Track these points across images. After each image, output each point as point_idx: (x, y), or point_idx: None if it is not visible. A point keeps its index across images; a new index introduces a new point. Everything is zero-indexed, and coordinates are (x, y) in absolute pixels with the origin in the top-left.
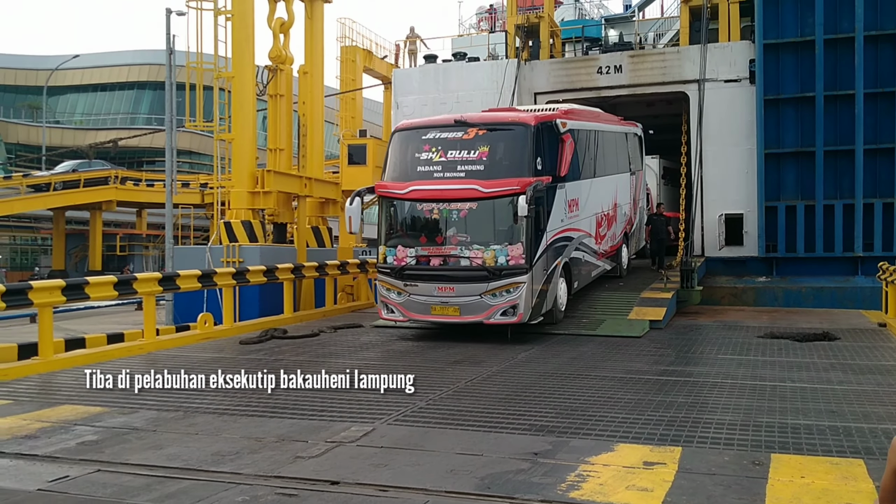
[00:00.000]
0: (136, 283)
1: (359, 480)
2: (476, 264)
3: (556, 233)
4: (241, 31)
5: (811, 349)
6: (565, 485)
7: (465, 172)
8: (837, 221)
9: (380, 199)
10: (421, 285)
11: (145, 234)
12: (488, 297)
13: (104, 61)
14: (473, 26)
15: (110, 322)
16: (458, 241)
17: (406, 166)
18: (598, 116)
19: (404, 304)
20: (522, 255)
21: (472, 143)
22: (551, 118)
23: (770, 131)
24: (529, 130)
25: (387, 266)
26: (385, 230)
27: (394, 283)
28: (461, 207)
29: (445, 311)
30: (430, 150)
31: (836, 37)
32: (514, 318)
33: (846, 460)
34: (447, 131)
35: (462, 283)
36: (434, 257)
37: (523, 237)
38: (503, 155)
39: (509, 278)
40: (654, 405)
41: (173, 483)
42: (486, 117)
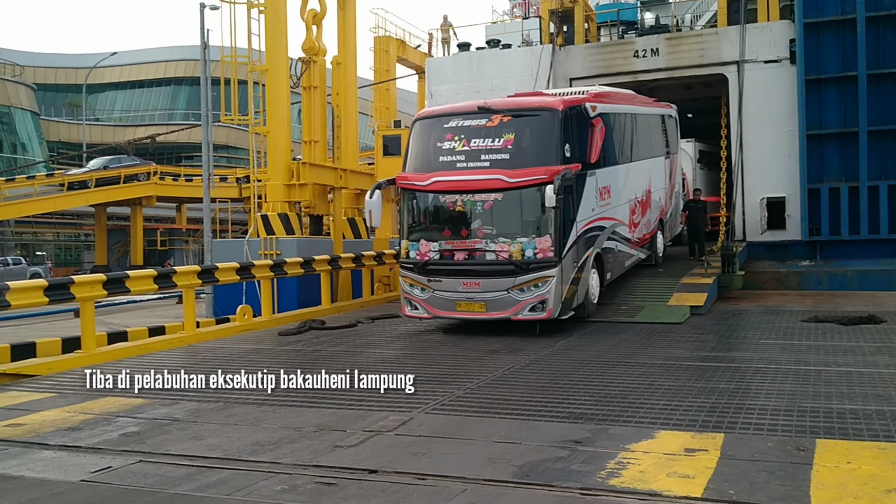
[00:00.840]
0: (176, 277)
1: (397, 469)
2: (502, 258)
3: (586, 223)
4: (273, 23)
5: (857, 332)
6: (605, 472)
7: (490, 162)
8: (882, 203)
9: (401, 192)
10: (445, 281)
11: (185, 229)
12: (516, 292)
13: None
14: (507, 13)
15: (152, 316)
16: (484, 233)
17: (428, 156)
18: (631, 99)
19: (428, 300)
20: (551, 248)
21: (496, 131)
22: (580, 102)
23: (812, 112)
24: (557, 116)
25: (409, 261)
26: (407, 224)
27: (417, 278)
28: (486, 199)
29: (471, 307)
30: (453, 138)
31: (878, 14)
32: (543, 313)
33: (894, 445)
34: (470, 119)
35: (488, 277)
36: (458, 251)
37: (552, 228)
38: (529, 142)
39: (537, 272)
40: (695, 391)
41: (213, 473)
42: (510, 103)
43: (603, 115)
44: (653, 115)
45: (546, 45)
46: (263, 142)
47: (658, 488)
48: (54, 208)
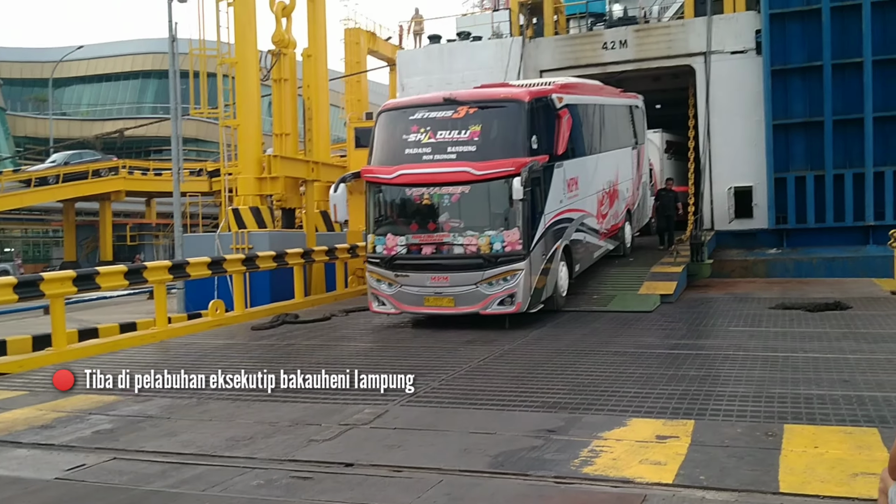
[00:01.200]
0: (147, 272)
1: (373, 462)
2: (470, 252)
3: (554, 214)
4: (243, 15)
5: (823, 319)
6: (578, 460)
7: (457, 154)
8: (847, 191)
9: (367, 185)
10: (413, 275)
11: (155, 224)
12: (484, 286)
13: (108, 51)
14: (477, 5)
15: (122, 312)
16: (451, 227)
17: (393, 149)
18: (598, 90)
19: (396, 295)
20: (519, 241)
21: (462, 123)
22: (546, 93)
23: (778, 102)
24: (523, 107)
25: (376, 256)
26: (373, 217)
27: (384, 273)
28: (453, 191)
29: (439, 301)
30: (419, 130)
31: (842, 4)
32: (511, 307)
33: (860, 429)
34: (436, 110)
35: (456, 271)
36: (426, 245)
37: (520, 221)
38: (496, 134)
39: (506, 265)
40: (665, 379)
41: (188, 469)
42: (476, 94)
43: (570, 106)
44: (620, 105)
45: (516, 38)
46: (233, 135)
47: (630, 475)
48: (21, 204)
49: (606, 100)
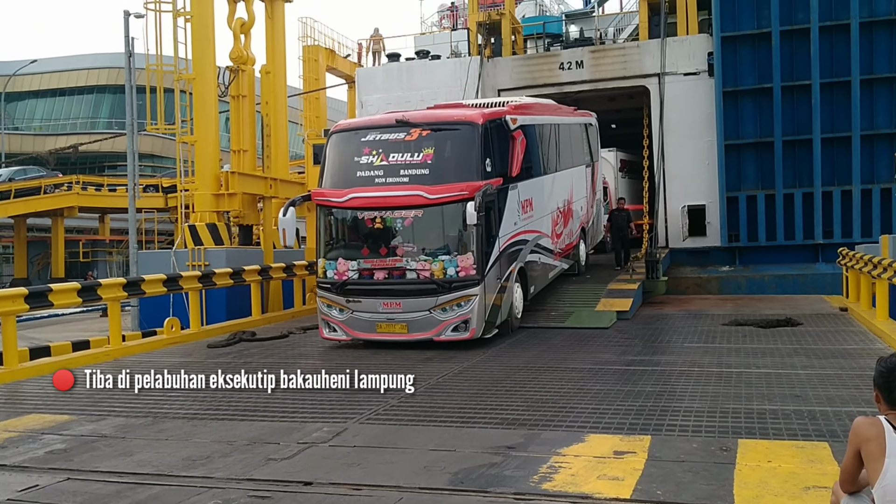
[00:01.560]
0: (101, 289)
1: (332, 480)
2: (424, 277)
3: (509, 237)
4: (200, 32)
5: (775, 335)
6: (538, 477)
7: (409, 177)
8: (797, 210)
9: (317, 209)
10: (364, 301)
11: (108, 240)
12: (438, 312)
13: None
14: (435, 24)
15: (75, 330)
16: (404, 252)
17: (345, 171)
18: (552, 109)
19: (347, 321)
20: (473, 266)
21: (415, 145)
22: (500, 115)
23: (729, 123)
24: (477, 130)
25: (327, 281)
26: (324, 241)
27: (335, 299)
28: (405, 215)
29: (392, 328)
30: (371, 153)
31: (791, 28)
32: (466, 333)
33: (811, 444)
34: (388, 132)
35: (409, 297)
36: (378, 270)
37: (473, 246)
38: (449, 157)
39: (460, 291)
40: (622, 395)
41: (144, 489)
42: (430, 116)
43: (524, 126)
44: (574, 124)
45: (474, 57)
46: (191, 151)
47: (589, 491)
48: None
49: (560, 119)
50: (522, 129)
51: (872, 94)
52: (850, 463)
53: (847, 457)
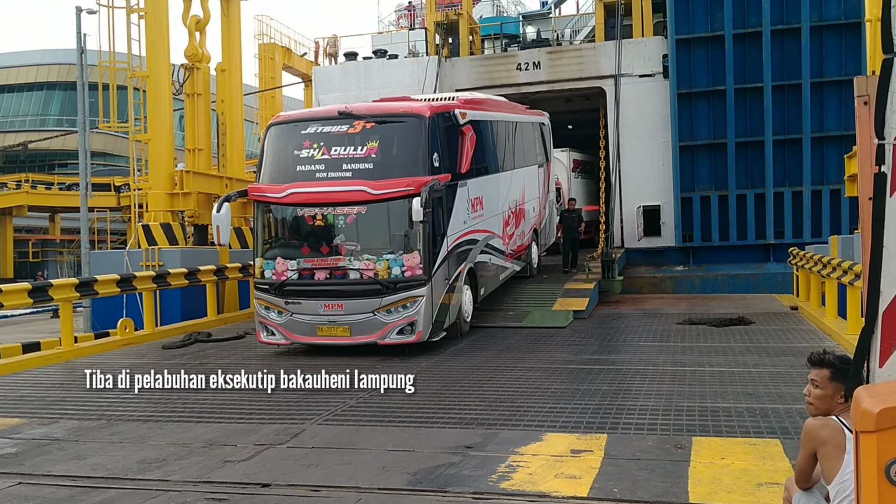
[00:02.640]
0: (52, 290)
1: (290, 482)
2: (367, 277)
3: (458, 236)
4: (155, 28)
5: (727, 334)
6: (496, 476)
7: (352, 172)
8: (750, 210)
9: (255, 205)
10: (304, 303)
11: (59, 240)
12: (382, 313)
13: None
14: (393, 23)
15: (24, 331)
16: (346, 250)
17: (284, 166)
18: (504, 106)
19: (286, 324)
20: (420, 265)
21: (359, 138)
22: (448, 108)
23: (684, 124)
24: (423, 122)
25: (265, 281)
26: (262, 240)
27: (273, 300)
28: (348, 212)
29: (333, 331)
30: (311, 146)
31: (744, 31)
32: (412, 336)
33: (763, 441)
34: (330, 124)
35: (352, 298)
36: (319, 270)
37: (420, 244)
38: (395, 151)
39: (405, 292)
40: (579, 394)
41: (98, 493)
42: (374, 108)
43: (474, 122)
44: (526, 122)
45: (432, 57)
46: (144, 149)
47: (547, 489)
48: None
49: (512, 116)
50: (473, 124)
51: (823, 97)
52: (805, 464)
53: (802, 457)
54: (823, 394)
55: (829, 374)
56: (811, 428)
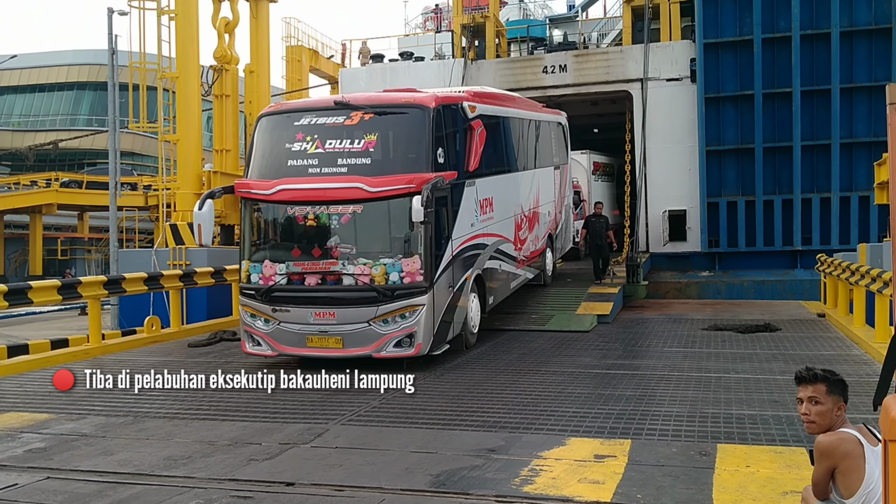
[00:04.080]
0: (81, 287)
1: (314, 481)
2: (362, 283)
3: (464, 240)
4: (185, 30)
5: (753, 340)
6: (519, 479)
7: (348, 167)
8: (777, 216)
9: (242, 202)
10: (293, 310)
11: (87, 238)
12: (378, 324)
13: (43, 61)
14: (419, 26)
15: (53, 328)
16: (340, 253)
17: (274, 160)
18: (517, 101)
19: (273, 334)
20: (420, 270)
21: (356, 131)
22: (456, 100)
23: (711, 129)
24: (427, 114)
25: (251, 286)
26: (249, 241)
27: (259, 307)
28: (342, 211)
29: (325, 342)
30: (304, 139)
31: (773, 36)
32: (410, 349)
33: (789, 449)
34: (326, 115)
35: (345, 306)
36: (309, 275)
37: (421, 247)
38: (395, 145)
39: (404, 300)
40: (603, 399)
41: (125, 489)
42: (374, 98)
43: (484, 117)
44: (542, 121)
45: (458, 59)
46: (173, 150)
47: (570, 494)
48: None
49: (527, 114)
50: (483, 119)
51: (852, 103)
52: (823, 478)
53: (820, 472)
54: (824, 409)
55: (825, 388)
56: (829, 444)
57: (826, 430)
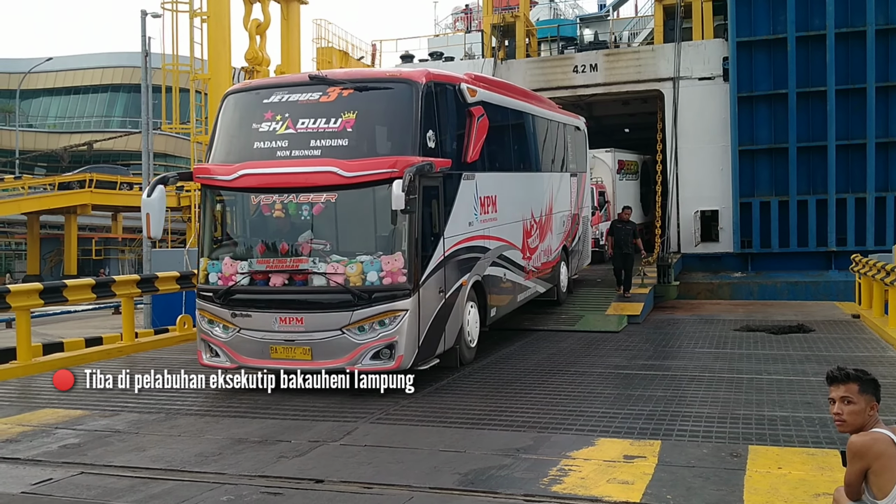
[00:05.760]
0: (115, 286)
1: (343, 478)
2: (335, 284)
3: (460, 239)
4: (216, 32)
5: (786, 341)
6: (547, 479)
7: (322, 149)
8: (811, 216)
9: (202, 191)
10: (255, 315)
11: (121, 238)
12: (353, 331)
13: (78, 64)
14: (449, 26)
15: (87, 326)
16: (311, 249)
17: (238, 142)
18: (529, 96)
19: (232, 343)
20: (403, 270)
21: (333, 108)
22: (453, 80)
23: (744, 128)
24: (415, 90)
25: (208, 287)
26: (209, 235)
27: (218, 312)
28: (314, 200)
29: (291, 353)
30: (274, 118)
31: (807, 34)
32: (390, 362)
33: (822, 451)
34: (298, 92)
35: (315, 311)
36: (274, 274)
37: (404, 243)
38: (377, 124)
39: (384, 304)
40: (633, 399)
41: (157, 484)
42: (355, 73)
43: (488, 105)
44: (558, 122)
45: (488, 59)
46: (205, 151)
47: (599, 494)
48: None
49: (541, 111)
50: (488, 108)
51: (888, 102)
52: (856, 478)
53: (853, 473)
54: (857, 408)
55: (857, 387)
56: (863, 444)
57: (858, 429)
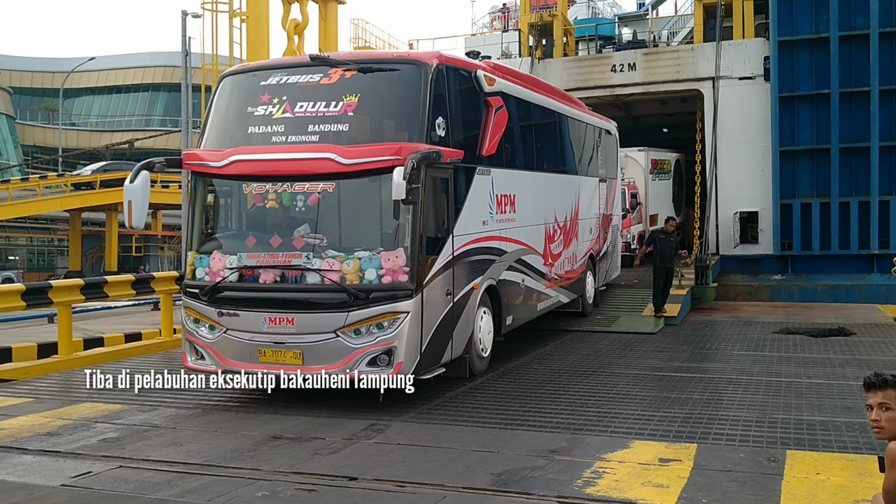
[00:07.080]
0: (154, 282)
1: (377, 476)
2: (330, 281)
3: (472, 239)
4: (255, 32)
5: (827, 345)
6: (581, 481)
7: (320, 135)
8: (853, 219)
9: (192, 179)
10: (243, 314)
11: (161, 235)
12: (348, 334)
13: (119, 63)
14: (486, 25)
15: (127, 322)
16: (305, 243)
17: (232, 126)
18: (555, 92)
19: (217, 344)
20: (405, 268)
21: (334, 91)
22: (468, 66)
23: (785, 129)
24: (425, 72)
25: (195, 284)
26: (198, 227)
27: (204, 310)
28: (310, 189)
29: (280, 357)
30: (271, 101)
31: (850, 34)
32: (389, 369)
33: (861, 457)
34: (298, 73)
35: (307, 311)
36: (265, 270)
37: (408, 239)
38: (381, 109)
39: (382, 304)
40: (669, 402)
41: (193, 479)
42: (360, 54)
43: (508, 96)
44: (588, 123)
45: (525, 58)
46: None
47: (633, 497)
48: (28, 213)
49: (569, 110)
50: (507, 100)
51: None
52: (895, 486)
53: (891, 480)
54: (895, 415)
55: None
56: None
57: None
